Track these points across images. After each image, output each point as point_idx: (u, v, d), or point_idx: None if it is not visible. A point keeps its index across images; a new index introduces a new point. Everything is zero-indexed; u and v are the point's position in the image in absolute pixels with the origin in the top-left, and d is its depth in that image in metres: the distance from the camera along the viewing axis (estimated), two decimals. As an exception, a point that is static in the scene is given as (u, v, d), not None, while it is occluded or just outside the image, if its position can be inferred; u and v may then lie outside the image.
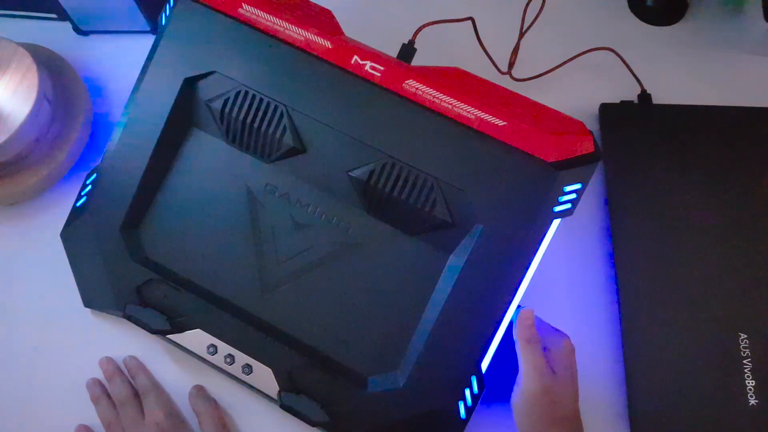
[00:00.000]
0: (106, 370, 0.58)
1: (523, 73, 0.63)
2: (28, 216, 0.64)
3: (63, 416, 0.58)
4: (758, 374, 0.54)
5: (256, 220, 0.55)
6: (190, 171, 0.57)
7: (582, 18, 0.68)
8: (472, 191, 0.50)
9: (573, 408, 0.49)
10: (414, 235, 0.53)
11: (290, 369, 0.53)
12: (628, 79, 0.63)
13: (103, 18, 0.67)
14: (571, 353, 0.50)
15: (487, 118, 0.50)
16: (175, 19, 0.55)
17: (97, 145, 0.65)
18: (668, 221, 0.58)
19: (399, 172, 0.52)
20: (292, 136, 0.54)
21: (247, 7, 0.54)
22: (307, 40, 0.53)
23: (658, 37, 0.67)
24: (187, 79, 0.55)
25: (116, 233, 0.56)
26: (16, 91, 0.59)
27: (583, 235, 0.60)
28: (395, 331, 0.53)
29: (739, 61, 0.65)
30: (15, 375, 0.60)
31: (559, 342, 0.50)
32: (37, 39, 0.67)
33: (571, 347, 0.50)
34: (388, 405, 0.51)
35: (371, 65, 0.52)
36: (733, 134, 0.60)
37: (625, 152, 0.61)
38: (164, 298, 0.56)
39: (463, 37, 0.61)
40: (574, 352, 0.50)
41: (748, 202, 0.58)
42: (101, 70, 0.69)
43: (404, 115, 0.51)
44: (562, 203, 0.50)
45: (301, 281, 0.54)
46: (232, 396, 0.58)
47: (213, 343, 0.54)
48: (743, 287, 0.56)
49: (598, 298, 0.59)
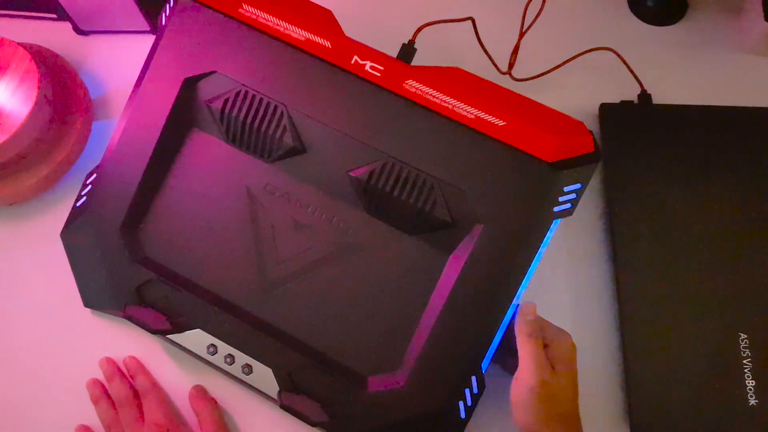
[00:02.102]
0: (106, 370, 0.58)
1: (523, 73, 0.63)
2: (28, 216, 0.64)
3: (63, 416, 0.58)
4: (758, 374, 0.54)
5: (256, 220, 0.55)
6: (190, 171, 0.57)
7: (582, 18, 0.68)
8: (472, 191, 0.50)
9: (572, 405, 0.49)
10: (414, 235, 0.53)
11: (290, 369, 0.53)
12: (628, 79, 0.63)
13: (103, 18, 0.67)
14: (572, 351, 0.50)
15: (487, 118, 0.50)
16: (175, 19, 0.55)
17: (97, 146, 0.65)
18: (668, 221, 0.58)
19: (399, 172, 0.52)
20: (292, 136, 0.54)
21: (248, 7, 0.54)
22: (307, 40, 0.53)
23: (658, 37, 0.67)
24: (187, 79, 0.55)
25: (116, 233, 0.56)
26: (16, 91, 0.59)
27: (583, 235, 0.60)
28: (395, 331, 0.53)
29: (739, 61, 0.65)
30: (15, 375, 0.60)
31: (561, 339, 0.50)
32: (37, 39, 0.67)
33: (572, 345, 0.50)
34: (388, 405, 0.51)
35: (371, 65, 0.52)
36: (734, 134, 0.60)
37: (625, 152, 0.61)
38: (164, 298, 0.56)
39: (463, 37, 0.61)
40: (576, 351, 0.50)
41: (749, 202, 0.58)
42: (101, 70, 0.69)
43: (404, 115, 0.51)
44: (562, 203, 0.50)
45: (301, 281, 0.54)
46: (232, 396, 0.58)
47: (213, 343, 0.54)
48: (743, 287, 0.56)
49: (598, 298, 0.59)
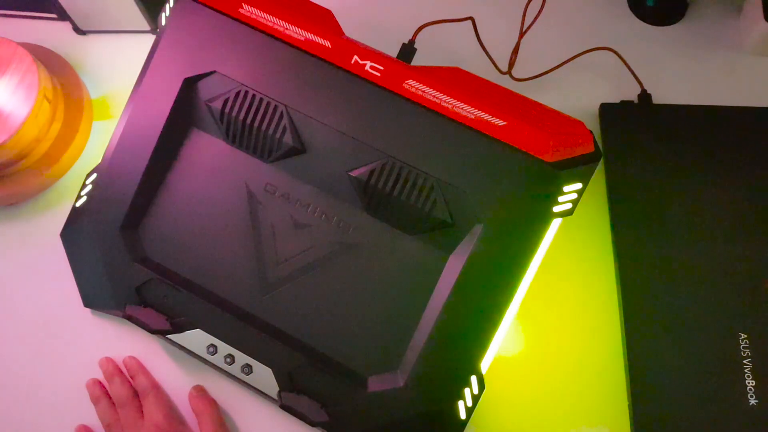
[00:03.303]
0: (106, 370, 0.58)
1: (523, 73, 0.63)
2: (28, 216, 0.64)
3: (63, 416, 0.58)
4: (758, 374, 0.54)
5: (256, 220, 0.55)
6: (190, 171, 0.57)
7: (582, 18, 0.68)
8: (472, 191, 0.50)
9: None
10: (414, 235, 0.53)
11: (290, 369, 0.53)
12: (628, 79, 0.63)
13: (103, 18, 0.67)
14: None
15: (487, 118, 0.50)
16: (175, 19, 0.55)
17: (97, 146, 0.65)
18: (668, 221, 0.58)
19: (399, 172, 0.52)
20: (292, 136, 0.54)
21: (248, 7, 0.54)
22: (307, 40, 0.53)
23: (658, 37, 0.67)
24: (187, 79, 0.55)
25: (116, 233, 0.56)
26: (16, 91, 0.59)
27: (583, 235, 0.60)
28: (395, 331, 0.52)
29: (739, 61, 0.65)
30: (15, 375, 0.60)
31: None
32: (37, 39, 0.67)
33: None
34: (388, 405, 0.51)
35: (371, 65, 0.52)
36: (734, 134, 0.60)
37: (625, 152, 0.61)
38: (164, 298, 0.56)
39: (463, 37, 0.61)
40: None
41: (749, 201, 0.58)
42: (101, 70, 0.69)
43: (404, 115, 0.51)
44: (562, 203, 0.50)
45: (301, 281, 0.54)
46: (232, 396, 0.58)
47: (213, 343, 0.54)
48: (743, 287, 0.56)
49: (598, 298, 0.59)
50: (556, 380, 0.57)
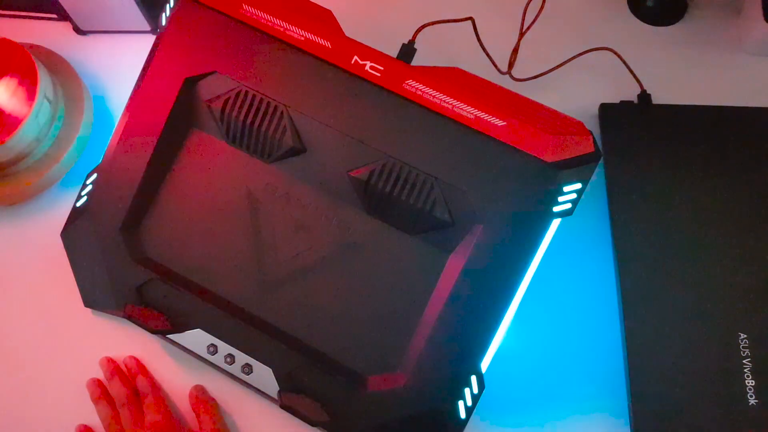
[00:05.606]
0: (106, 370, 0.58)
1: (523, 73, 0.63)
2: (28, 216, 0.64)
3: (63, 416, 0.58)
4: (758, 374, 0.54)
5: (257, 220, 0.55)
6: (190, 171, 0.57)
7: (582, 18, 0.68)
8: (472, 191, 0.50)
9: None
10: (414, 235, 0.53)
11: (290, 369, 0.53)
12: (628, 79, 0.63)
13: (103, 18, 0.67)
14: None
15: (487, 118, 0.50)
16: (175, 19, 0.55)
17: (97, 145, 0.65)
18: (668, 221, 0.58)
19: (399, 172, 0.52)
20: (292, 136, 0.54)
21: (248, 7, 0.54)
22: (307, 40, 0.53)
23: (658, 37, 0.67)
24: (188, 79, 0.55)
25: (116, 233, 0.56)
26: (17, 91, 0.59)
27: (583, 235, 0.60)
28: (395, 331, 0.53)
29: (739, 61, 0.65)
30: (15, 375, 0.60)
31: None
32: (37, 39, 0.67)
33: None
34: (388, 405, 0.51)
35: (371, 65, 0.52)
36: (733, 134, 0.60)
37: (625, 152, 0.61)
38: (164, 298, 0.56)
39: (463, 37, 0.61)
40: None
41: (749, 202, 0.58)
42: (101, 70, 0.69)
43: (404, 115, 0.51)
44: (562, 203, 0.50)
45: (301, 281, 0.54)
46: (232, 396, 0.58)
47: (213, 343, 0.54)
48: (743, 287, 0.56)
49: (598, 298, 0.59)
50: (556, 380, 0.57)
